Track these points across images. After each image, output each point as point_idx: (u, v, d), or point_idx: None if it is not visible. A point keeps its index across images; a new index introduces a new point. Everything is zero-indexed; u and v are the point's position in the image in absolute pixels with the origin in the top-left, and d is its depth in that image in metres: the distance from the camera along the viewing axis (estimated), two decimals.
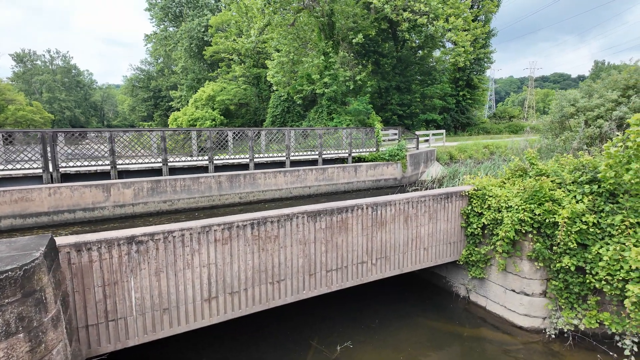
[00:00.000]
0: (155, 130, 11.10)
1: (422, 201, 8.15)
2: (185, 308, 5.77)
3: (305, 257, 6.73)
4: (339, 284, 7.23)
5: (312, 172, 13.17)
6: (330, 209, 6.91)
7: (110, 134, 10.26)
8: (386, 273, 7.85)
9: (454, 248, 8.82)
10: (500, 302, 8.33)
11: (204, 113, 36.70)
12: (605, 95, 10.89)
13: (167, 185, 10.63)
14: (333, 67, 24.25)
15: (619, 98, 10.74)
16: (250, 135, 12.31)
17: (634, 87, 10.99)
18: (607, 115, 10.44)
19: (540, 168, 8.15)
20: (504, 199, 7.90)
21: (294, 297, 6.74)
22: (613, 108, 10.53)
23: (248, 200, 11.84)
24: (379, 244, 7.65)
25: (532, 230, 7.44)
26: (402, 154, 15.27)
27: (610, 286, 6.49)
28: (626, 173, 6.16)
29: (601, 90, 11.23)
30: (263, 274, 6.36)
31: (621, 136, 6.36)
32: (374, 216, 7.49)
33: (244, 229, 6.08)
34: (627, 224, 6.38)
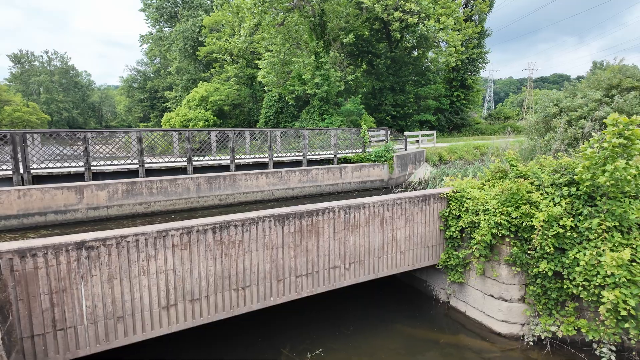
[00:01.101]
0: (132, 130, 10.86)
1: (398, 204, 7.91)
2: (141, 316, 5.52)
3: (272, 263, 6.49)
4: (310, 290, 6.99)
5: (296, 173, 12.93)
6: (299, 212, 6.67)
7: (84, 135, 10.02)
8: (360, 278, 7.62)
9: (432, 252, 8.59)
10: (480, 308, 8.10)
11: (196, 114, 36.48)
12: (588, 95, 10.67)
13: (142, 187, 10.38)
14: (324, 68, 24.04)
15: (602, 98, 10.52)
16: (231, 136, 12.08)
17: (618, 87, 10.77)
18: (589, 115, 10.23)
19: (520, 170, 7.92)
20: (482, 202, 7.67)
21: (260, 304, 6.49)
22: (596, 108, 10.31)
23: (228, 203, 11.60)
24: (353, 248, 7.41)
25: (509, 234, 7.21)
26: (389, 155, 15.04)
27: (587, 292, 6.26)
28: (602, 175, 5.93)
29: (585, 90, 11.02)
30: (226, 280, 6.12)
31: (597, 137, 6.14)
32: (346, 219, 7.26)
33: (205, 234, 5.84)
34: (604, 228, 6.15)
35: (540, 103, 11.76)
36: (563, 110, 10.92)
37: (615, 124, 5.84)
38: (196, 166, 11.68)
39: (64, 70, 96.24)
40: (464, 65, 36.28)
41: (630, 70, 11.40)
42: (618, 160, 5.71)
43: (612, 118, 5.86)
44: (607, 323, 5.74)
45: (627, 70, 11.43)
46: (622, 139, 5.78)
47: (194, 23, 48.73)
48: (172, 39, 52.98)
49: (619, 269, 5.67)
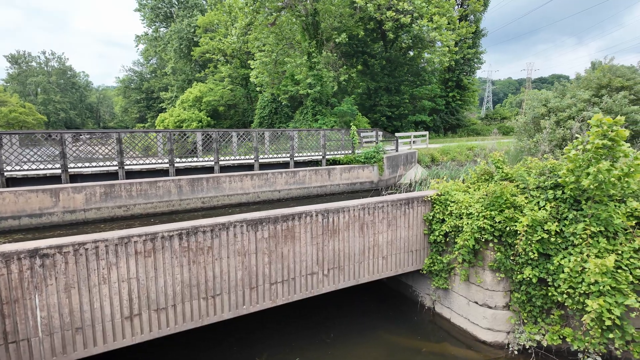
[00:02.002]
0: (111, 131, 10.59)
1: (379, 207, 7.65)
2: (102, 327, 5.25)
3: (245, 270, 6.23)
4: (286, 298, 6.72)
5: (282, 175, 12.66)
6: (274, 216, 6.41)
7: (61, 136, 9.74)
8: (340, 284, 7.35)
9: (416, 256, 8.33)
10: (464, 315, 7.84)
11: (190, 114, 36.19)
12: (577, 95, 10.41)
13: (122, 190, 10.11)
14: (316, 68, 23.79)
15: (591, 98, 10.27)
16: (215, 137, 11.80)
17: (607, 87, 10.51)
18: (578, 115, 9.98)
19: (505, 172, 7.67)
20: (465, 205, 7.42)
21: (232, 313, 6.23)
22: (585, 108, 10.06)
23: (212, 205, 11.32)
24: (332, 254, 7.15)
25: (492, 239, 6.95)
26: (378, 156, 14.78)
27: (572, 300, 6.01)
28: (585, 178, 5.68)
29: (574, 90, 10.76)
30: (195, 289, 5.85)
31: (581, 138, 5.89)
32: (325, 224, 7.00)
33: (171, 240, 5.58)
34: (589, 233, 5.90)
35: (529, 103, 11.51)
36: (552, 111, 10.66)
37: (599, 124, 5.60)
38: (178, 168, 11.40)
39: (62, 70, 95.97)
40: (459, 65, 36.06)
41: (620, 70, 11.14)
42: (601, 163, 5.46)
43: (596, 119, 5.61)
44: (592, 333, 5.49)
45: (617, 69, 11.18)
46: (606, 140, 5.53)
47: (189, 23, 48.43)
48: (168, 39, 52.67)
49: (603, 277, 5.42)
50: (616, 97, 9.87)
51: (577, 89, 10.84)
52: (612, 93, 10.21)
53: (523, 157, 8.73)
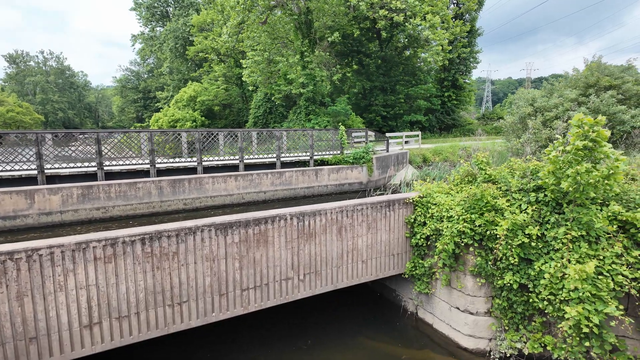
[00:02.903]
0: (89, 132, 10.34)
1: (358, 210, 7.42)
2: (59, 336, 5.02)
3: (213, 275, 6.00)
4: (259, 304, 6.49)
5: (268, 176, 12.43)
6: (245, 220, 6.18)
7: (37, 136, 9.50)
8: (317, 290, 7.12)
9: (398, 260, 8.10)
10: (446, 321, 7.61)
11: (184, 114, 35.93)
12: (564, 95, 10.17)
13: (100, 191, 9.87)
14: (309, 67, 23.55)
15: (578, 97, 10.03)
16: (197, 137, 11.56)
17: (595, 86, 10.28)
18: (564, 115, 9.75)
19: (489, 174, 7.44)
20: (446, 208, 7.19)
21: (200, 321, 5.99)
22: (572, 108, 9.83)
23: (194, 207, 11.08)
24: (308, 258, 6.92)
25: (473, 243, 6.73)
26: (367, 157, 14.55)
27: (553, 307, 5.78)
28: (565, 180, 5.46)
29: (561, 89, 10.52)
30: (159, 296, 5.61)
31: (562, 139, 5.66)
32: (300, 227, 6.76)
33: (133, 245, 5.34)
34: (569, 237, 5.68)
35: (516, 102, 11.29)
36: (538, 111, 10.42)
37: (580, 125, 5.37)
38: (160, 169, 11.15)
39: (60, 70, 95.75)
40: (455, 65, 35.80)
41: (608, 69, 10.89)
42: (581, 164, 5.24)
43: (577, 119, 5.39)
44: (569, 341, 5.26)
45: (605, 68, 10.93)
46: (587, 141, 5.30)
47: (184, 22, 48.18)
48: (163, 38, 52.43)
49: (583, 283, 5.20)
50: (603, 97, 9.62)
51: (565, 88, 10.60)
52: (600, 92, 9.98)
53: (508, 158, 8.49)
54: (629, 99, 10.28)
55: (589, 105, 9.65)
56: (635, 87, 10.12)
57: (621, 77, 10.48)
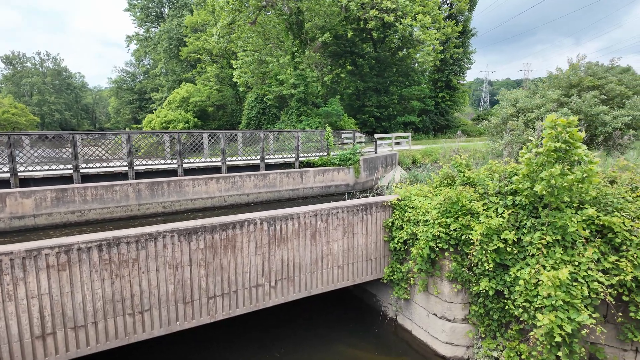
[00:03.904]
0: (65, 133, 10.11)
1: (334, 213, 7.22)
2: (8, 347, 4.79)
3: (177, 283, 5.78)
4: (227, 312, 6.27)
5: (251, 178, 12.21)
6: (210, 225, 5.97)
7: (9, 139, 9.27)
8: (290, 296, 6.91)
9: (376, 265, 7.90)
10: (424, 327, 7.42)
11: (177, 115, 35.67)
12: (546, 95, 9.99)
13: (75, 194, 9.64)
14: (299, 68, 23.36)
15: (561, 98, 9.85)
16: (177, 139, 11.34)
17: (578, 86, 10.10)
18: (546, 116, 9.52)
19: (467, 176, 7.25)
20: (422, 211, 7.00)
21: (164, 330, 5.77)
22: (554, 108, 9.65)
23: (174, 210, 10.86)
24: (280, 264, 6.71)
25: (448, 248, 6.53)
26: (355, 158, 14.35)
27: (528, 314, 5.58)
28: (539, 183, 5.27)
29: (544, 90, 10.34)
30: (119, 304, 5.39)
31: (535, 140, 5.47)
32: (271, 232, 6.55)
33: (89, 252, 5.12)
34: (544, 243, 5.48)
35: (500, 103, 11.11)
36: (520, 111, 10.24)
37: (553, 126, 5.18)
38: (139, 171, 10.92)
39: (57, 71, 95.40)
40: (448, 65, 35.64)
41: (592, 69, 10.71)
42: (554, 167, 5.05)
43: (550, 120, 5.20)
44: (540, 349, 5.07)
45: (588, 68, 10.75)
46: (560, 143, 5.11)
47: (178, 23, 47.92)
48: (157, 39, 52.14)
49: (557, 290, 5.00)
50: (585, 97, 9.43)
51: (548, 89, 10.42)
52: (582, 93, 9.80)
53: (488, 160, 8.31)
54: (612, 100, 10.12)
55: (571, 106, 9.46)
56: (618, 87, 9.95)
57: (604, 77, 10.31)
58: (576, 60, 10.77)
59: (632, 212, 5.62)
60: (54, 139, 10.18)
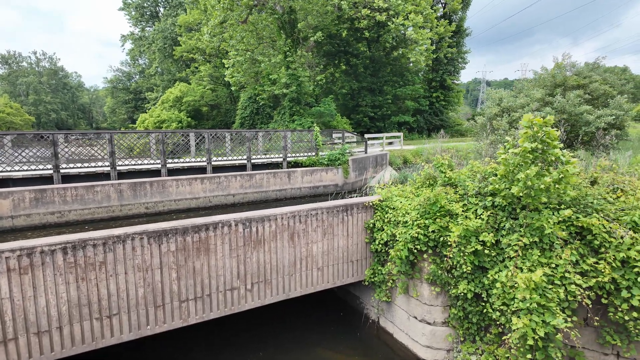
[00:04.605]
0: (45, 133, 9.95)
1: (312, 214, 7.09)
2: None
3: (147, 286, 5.63)
4: (200, 316, 6.13)
5: (237, 178, 12.06)
6: (182, 227, 5.82)
7: None
8: (267, 300, 6.77)
9: (357, 267, 7.78)
10: (405, 330, 7.30)
11: (170, 115, 35.46)
12: (531, 94, 9.89)
13: (55, 195, 9.47)
14: (291, 67, 23.22)
15: (545, 97, 9.75)
16: (161, 138, 11.19)
17: (563, 85, 10.00)
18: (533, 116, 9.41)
19: (448, 176, 7.13)
20: (402, 213, 6.88)
21: (133, 334, 5.63)
22: (538, 108, 9.55)
23: (157, 211, 10.70)
24: (256, 266, 6.57)
25: (427, 250, 6.41)
26: (343, 158, 14.22)
27: (505, 318, 5.47)
28: (516, 184, 5.16)
29: (529, 89, 10.24)
30: (85, 308, 5.24)
31: (512, 141, 5.36)
32: (247, 234, 6.42)
33: (53, 255, 4.97)
34: (521, 245, 5.37)
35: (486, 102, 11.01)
36: (505, 111, 10.14)
37: (530, 125, 5.07)
38: (121, 171, 10.77)
39: (53, 71, 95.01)
40: (442, 65, 35.59)
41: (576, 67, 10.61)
42: (530, 168, 4.93)
43: (527, 119, 5.08)
44: (513, 352, 4.95)
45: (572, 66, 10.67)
46: (536, 143, 5.00)
47: (173, 22, 47.71)
48: (152, 38, 51.91)
49: (532, 293, 4.88)
50: (569, 96, 9.32)
51: (533, 88, 10.33)
52: (567, 92, 9.70)
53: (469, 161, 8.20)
54: (596, 99, 10.02)
55: (555, 105, 9.36)
56: (602, 87, 9.84)
57: (589, 77, 10.22)
58: (561, 59, 10.68)
59: (611, 213, 5.52)
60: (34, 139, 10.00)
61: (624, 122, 9.72)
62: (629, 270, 5.10)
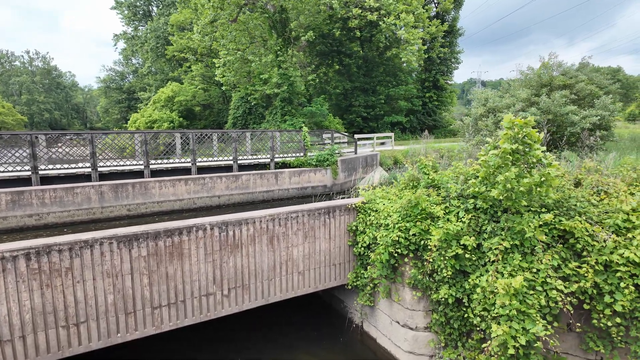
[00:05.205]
0: (22, 133, 9.69)
1: (293, 217, 6.92)
2: None
3: (117, 293, 5.43)
4: (174, 323, 5.94)
5: (222, 179, 11.86)
6: (154, 231, 5.63)
7: None
8: (245, 305, 6.59)
9: (340, 270, 7.62)
10: (388, 335, 7.14)
11: (161, 115, 35.13)
12: (516, 94, 9.78)
13: (32, 197, 9.23)
14: (282, 66, 23.02)
15: (531, 97, 9.64)
16: (144, 139, 10.96)
17: (549, 85, 9.90)
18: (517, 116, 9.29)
19: (432, 178, 6.99)
20: (384, 215, 6.72)
21: (103, 342, 5.43)
22: (524, 108, 9.44)
23: (139, 213, 10.48)
24: (233, 271, 6.39)
25: (408, 253, 6.26)
26: (332, 159, 14.05)
27: (486, 323, 5.33)
28: (496, 187, 5.01)
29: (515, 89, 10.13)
30: (51, 316, 5.04)
31: (492, 141, 5.21)
32: (223, 238, 6.23)
33: (15, 261, 4.77)
34: (501, 248, 5.23)
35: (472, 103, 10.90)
36: (490, 111, 10.03)
37: (511, 126, 4.92)
38: (103, 172, 10.53)
39: (46, 70, 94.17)
40: (435, 65, 35.52)
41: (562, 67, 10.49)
42: (510, 170, 4.79)
43: (507, 120, 4.94)
44: (494, 359, 4.81)
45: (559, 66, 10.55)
46: (517, 144, 4.86)
47: (165, 21, 47.31)
48: (145, 38, 51.49)
49: (512, 299, 4.74)
50: (554, 97, 9.20)
51: (519, 88, 10.21)
52: (553, 92, 9.58)
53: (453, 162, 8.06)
54: (583, 99, 9.92)
55: (540, 106, 9.24)
56: (588, 87, 9.73)
57: (575, 77, 10.11)
58: (548, 59, 10.57)
59: (595, 216, 5.40)
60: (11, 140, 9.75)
61: (610, 122, 9.61)
62: (612, 274, 4.98)
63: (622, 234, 5.14)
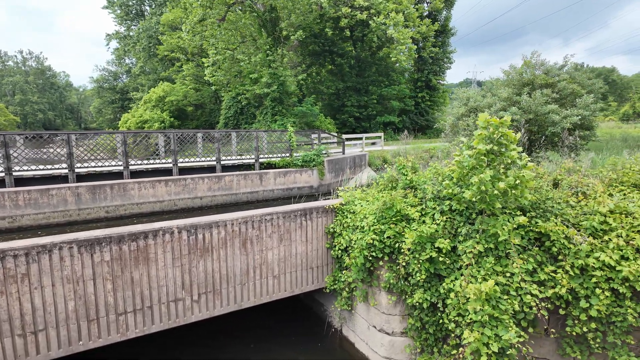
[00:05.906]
0: None
1: (267, 220, 6.73)
2: None
3: (79, 299, 5.22)
4: (141, 330, 5.73)
5: (204, 180, 11.63)
6: (117, 235, 5.42)
7: None
8: (216, 311, 6.39)
9: (318, 273, 7.44)
10: (366, 340, 6.98)
11: (153, 115, 34.82)
12: (498, 94, 9.65)
13: (6, 199, 8.98)
14: (271, 66, 22.83)
15: (512, 96, 9.51)
16: (122, 139, 10.73)
17: (531, 84, 9.77)
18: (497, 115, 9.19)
19: (409, 179, 6.83)
20: (360, 217, 6.55)
21: (64, 351, 5.21)
22: (505, 107, 9.32)
23: (118, 215, 10.24)
24: (203, 276, 6.19)
25: (383, 256, 6.09)
26: (318, 159, 13.86)
27: (460, 329, 5.17)
28: (470, 189, 4.85)
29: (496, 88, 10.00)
30: (6, 325, 4.82)
31: (467, 142, 5.05)
32: (192, 241, 6.03)
33: None
34: (475, 252, 5.07)
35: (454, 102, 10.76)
36: (471, 111, 9.90)
37: (486, 126, 4.76)
38: (80, 174, 10.29)
39: (40, 70, 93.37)
40: (427, 65, 35.42)
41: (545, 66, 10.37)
42: (485, 172, 4.63)
43: (482, 119, 4.78)
44: None
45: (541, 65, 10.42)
46: (492, 145, 4.70)
47: (157, 21, 46.95)
48: (137, 37, 51.09)
49: (485, 304, 4.58)
50: (535, 96, 9.08)
51: (501, 87, 10.08)
52: (534, 91, 9.45)
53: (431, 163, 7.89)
54: (565, 98, 9.80)
55: (521, 105, 9.10)
56: (570, 86, 9.60)
57: (558, 75, 9.99)
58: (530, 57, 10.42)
59: (572, 218, 5.26)
60: None
61: (592, 122, 9.50)
62: (587, 279, 4.84)
63: (598, 237, 5.01)
